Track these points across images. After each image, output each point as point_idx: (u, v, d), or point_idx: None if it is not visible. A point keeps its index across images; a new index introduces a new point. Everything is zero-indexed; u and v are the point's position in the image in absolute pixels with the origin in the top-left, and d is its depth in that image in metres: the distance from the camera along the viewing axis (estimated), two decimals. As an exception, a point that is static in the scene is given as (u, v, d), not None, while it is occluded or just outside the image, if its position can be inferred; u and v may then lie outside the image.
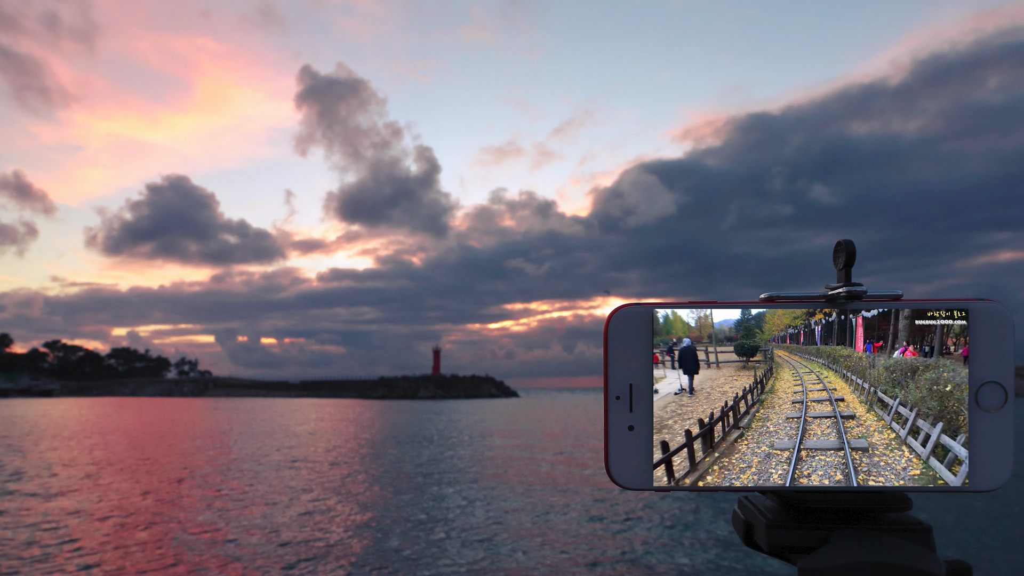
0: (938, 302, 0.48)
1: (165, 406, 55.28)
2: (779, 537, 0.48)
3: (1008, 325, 0.47)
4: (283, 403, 63.94)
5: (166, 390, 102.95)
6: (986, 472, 0.47)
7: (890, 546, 0.45)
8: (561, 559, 6.79)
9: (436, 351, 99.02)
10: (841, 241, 0.49)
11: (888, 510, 0.48)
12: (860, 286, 0.48)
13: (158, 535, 7.84)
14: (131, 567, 6.50)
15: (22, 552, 6.98)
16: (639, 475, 0.49)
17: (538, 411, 42.59)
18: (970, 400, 0.47)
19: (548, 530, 8.06)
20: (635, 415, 0.49)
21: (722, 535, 7.69)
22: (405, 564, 6.63)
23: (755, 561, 6.57)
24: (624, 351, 0.49)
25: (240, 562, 6.70)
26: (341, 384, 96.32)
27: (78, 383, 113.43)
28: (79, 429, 26.40)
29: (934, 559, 0.44)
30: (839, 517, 0.48)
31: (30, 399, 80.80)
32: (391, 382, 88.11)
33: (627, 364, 0.49)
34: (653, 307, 0.50)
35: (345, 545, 7.38)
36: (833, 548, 0.45)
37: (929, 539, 0.47)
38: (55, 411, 44.59)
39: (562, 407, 48.85)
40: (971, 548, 7.07)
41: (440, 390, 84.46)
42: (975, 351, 0.47)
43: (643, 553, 6.99)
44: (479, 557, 6.87)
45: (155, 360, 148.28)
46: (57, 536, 7.72)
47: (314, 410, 46.28)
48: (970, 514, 8.66)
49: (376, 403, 64.34)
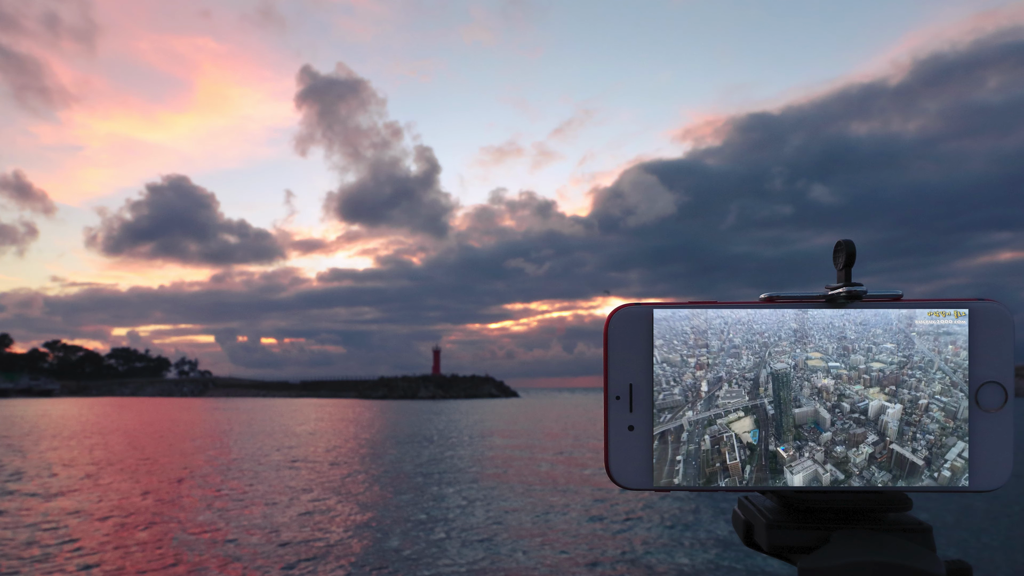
0: (938, 302, 0.48)
1: (165, 406, 55.27)
2: (779, 537, 0.48)
3: (1008, 325, 0.47)
4: (283, 403, 63.93)
5: (166, 390, 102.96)
6: (986, 472, 0.47)
7: (890, 546, 0.45)
8: (561, 559, 6.79)
9: (436, 351, 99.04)
10: (841, 241, 0.49)
11: (888, 510, 0.48)
12: (860, 286, 0.48)
13: (158, 535, 7.84)
14: (131, 567, 6.49)
15: (22, 552, 6.98)
16: (639, 475, 0.49)
17: (538, 411, 42.58)
18: (970, 400, 0.47)
19: (548, 530, 8.06)
20: (635, 415, 0.49)
21: (722, 535, 7.68)
22: (405, 564, 6.63)
23: (755, 561, 6.57)
24: (624, 351, 0.49)
25: (240, 562, 6.70)
26: (341, 384, 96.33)
27: (78, 383, 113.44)
28: (79, 429, 26.39)
29: (934, 559, 0.44)
30: (839, 517, 0.48)
31: (30, 399, 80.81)
32: (391, 382, 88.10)
33: (627, 364, 0.49)
34: (653, 307, 0.49)
35: (345, 545, 7.38)
36: (833, 548, 0.45)
37: (929, 539, 0.47)
38: (55, 411, 44.58)
39: (562, 407, 48.83)
40: (971, 548, 7.06)
41: (440, 390, 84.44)
42: (975, 351, 0.47)
43: (643, 553, 6.99)
44: (479, 557, 6.87)
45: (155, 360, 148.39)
46: (57, 536, 7.72)
47: (314, 410, 46.27)
48: (970, 514, 8.66)
49: (376, 403, 64.33)
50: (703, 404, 0.49)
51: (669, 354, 0.49)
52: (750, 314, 0.49)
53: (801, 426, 0.48)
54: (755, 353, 0.49)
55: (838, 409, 0.48)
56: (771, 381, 0.49)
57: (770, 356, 0.49)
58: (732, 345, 0.49)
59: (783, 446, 0.48)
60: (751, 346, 0.49)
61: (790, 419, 0.48)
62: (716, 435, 0.48)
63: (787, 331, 0.49)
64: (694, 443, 0.48)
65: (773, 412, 0.48)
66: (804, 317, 0.49)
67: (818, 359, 0.49)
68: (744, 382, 0.49)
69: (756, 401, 0.48)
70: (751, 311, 0.49)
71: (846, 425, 0.48)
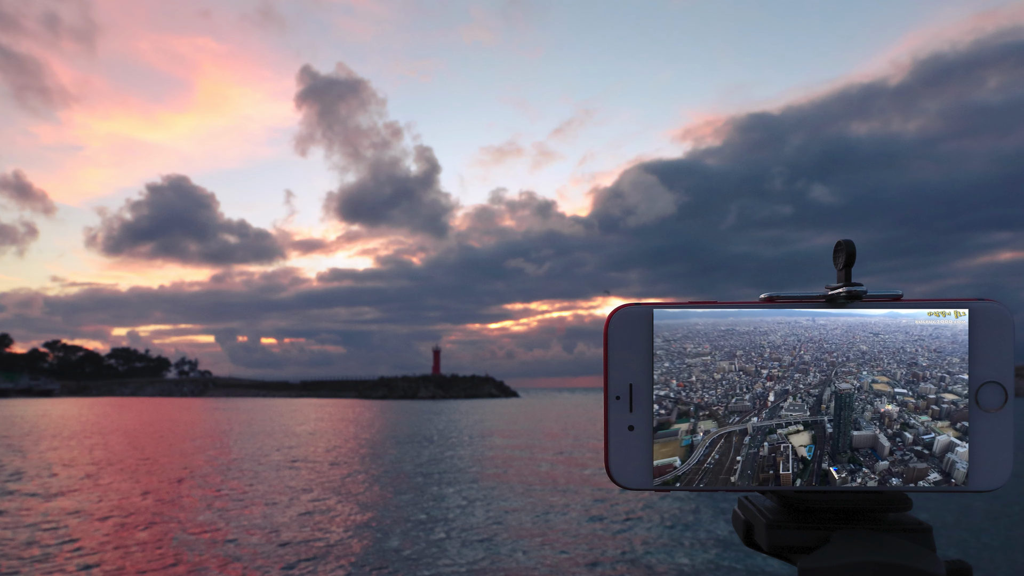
0: (938, 302, 0.48)
1: (165, 406, 55.27)
2: (779, 537, 0.48)
3: (1008, 325, 0.47)
4: (283, 403, 63.94)
5: (166, 390, 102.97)
6: (986, 472, 0.47)
7: (890, 546, 0.45)
8: (561, 559, 6.79)
9: (436, 351, 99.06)
10: (841, 241, 0.49)
11: (888, 510, 0.48)
12: (860, 286, 0.48)
13: (158, 535, 7.84)
14: (131, 567, 6.49)
15: (22, 552, 6.98)
16: (639, 475, 0.49)
17: (538, 411, 42.58)
18: (970, 400, 0.47)
19: (548, 530, 8.06)
20: (635, 415, 0.49)
21: (722, 535, 7.69)
22: (405, 564, 6.63)
23: (755, 561, 6.57)
24: (624, 351, 0.49)
25: (240, 562, 6.70)
26: (341, 384, 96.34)
27: (78, 383, 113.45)
28: (79, 429, 26.39)
29: (934, 559, 0.44)
30: (839, 517, 0.48)
31: (30, 399, 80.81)
32: (391, 382, 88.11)
33: (627, 364, 0.49)
34: (653, 307, 0.50)
35: (345, 545, 7.38)
36: (833, 548, 0.45)
37: (929, 539, 0.47)
38: (55, 411, 44.59)
39: (562, 407, 48.84)
40: (971, 548, 7.06)
41: (440, 390, 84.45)
42: (975, 351, 0.47)
43: (643, 553, 6.99)
44: (479, 557, 6.87)
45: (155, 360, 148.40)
46: (57, 536, 7.72)
47: (314, 410, 46.28)
48: (970, 514, 8.66)
49: (376, 403, 64.33)
50: (768, 413, 0.49)
51: (746, 364, 0.49)
52: (822, 333, 0.49)
53: (858, 450, 0.48)
54: (822, 371, 0.49)
55: (899, 439, 0.48)
56: (834, 400, 0.48)
57: (836, 375, 0.49)
58: (802, 361, 0.49)
59: (836, 467, 0.48)
60: (819, 363, 0.49)
61: (847, 441, 0.48)
62: (775, 444, 0.48)
63: (856, 352, 0.49)
64: (754, 447, 0.48)
65: (831, 431, 0.48)
66: (875, 340, 0.49)
67: (884, 383, 0.48)
68: (808, 397, 0.49)
69: (817, 417, 0.48)
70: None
71: (907, 457, 0.48)
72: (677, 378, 0.49)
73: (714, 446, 0.49)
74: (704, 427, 0.49)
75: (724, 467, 0.48)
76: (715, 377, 0.49)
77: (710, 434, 0.49)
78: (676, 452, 0.49)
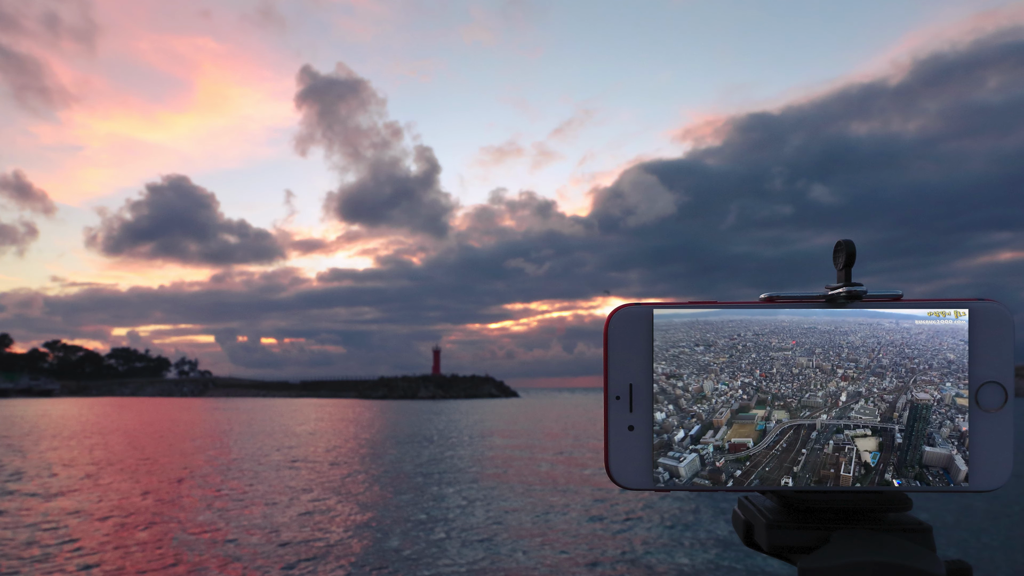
0: (938, 302, 0.48)
1: (165, 406, 55.27)
2: (779, 537, 0.48)
3: (1008, 325, 0.47)
4: (283, 403, 63.93)
5: (166, 390, 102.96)
6: (986, 472, 0.47)
7: (890, 546, 0.45)
8: (561, 559, 6.79)
9: (436, 351, 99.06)
10: (841, 241, 0.49)
11: (888, 510, 0.48)
12: (860, 286, 0.48)
13: (158, 535, 7.84)
14: (131, 567, 6.49)
15: (22, 552, 6.98)
16: (639, 475, 0.49)
17: (538, 411, 42.58)
18: (970, 400, 0.47)
19: (548, 530, 8.06)
20: (635, 415, 0.49)
21: (722, 535, 7.69)
22: (405, 564, 6.63)
23: (755, 561, 6.57)
24: (624, 351, 0.49)
25: (240, 562, 6.70)
26: (341, 384, 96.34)
27: (78, 383, 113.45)
28: (79, 429, 26.39)
29: (934, 559, 0.44)
30: (839, 517, 0.48)
31: (30, 399, 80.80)
32: (391, 382, 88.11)
33: (627, 364, 0.49)
34: (653, 307, 0.50)
35: (345, 545, 7.38)
36: (833, 548, 0.45)
37: (929, 539, 0.47)
38: (55, 411, 44.59)
39: (562, 407, 48.83)
40: (971, 548, 7.06)
41: (440, 390, 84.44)
42: (975, 351, 0.47)
43: (643, 553, 6.99)
44: (479, 557, 6.87)
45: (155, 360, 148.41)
46: (57, 536, 7.72)
47: (314, 410, 46.28)
48: (970, 514, 8.66)
49: (376, 403, 64.33)
50: (838, 412, 0.48)
51: (823, 362, 0.49)
52: (905, 337, 0.48)
53: (928, 467, 0.47)
54: (899, 377, 0.48)
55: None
56: (908, 409, 0.47)
57: (915, 384, 0.48)
58: (879, 364, 0.48)
59: (899, 480, 0.47)
60: (897, 369, 0.48)
61: (917, 455, 0.47)
62: (840, 444, 0.47)
63: (940, 361, 0.47)
64: (820, 444, 0.48)
65: (901, 441, 0.47)
66: (963, 349, 0.47)
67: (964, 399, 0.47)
68: (880, 403, 0.48)
69: (887, 425, 0.47)
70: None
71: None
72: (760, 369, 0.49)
73: (783, 435, 0.48)
74: (778, 416, 0.48)
75: (790, 456, 0.48)
76: (793, 371, 0.49)
77: (781, 423, 0.48)
78: (751, 434, 0.48)
